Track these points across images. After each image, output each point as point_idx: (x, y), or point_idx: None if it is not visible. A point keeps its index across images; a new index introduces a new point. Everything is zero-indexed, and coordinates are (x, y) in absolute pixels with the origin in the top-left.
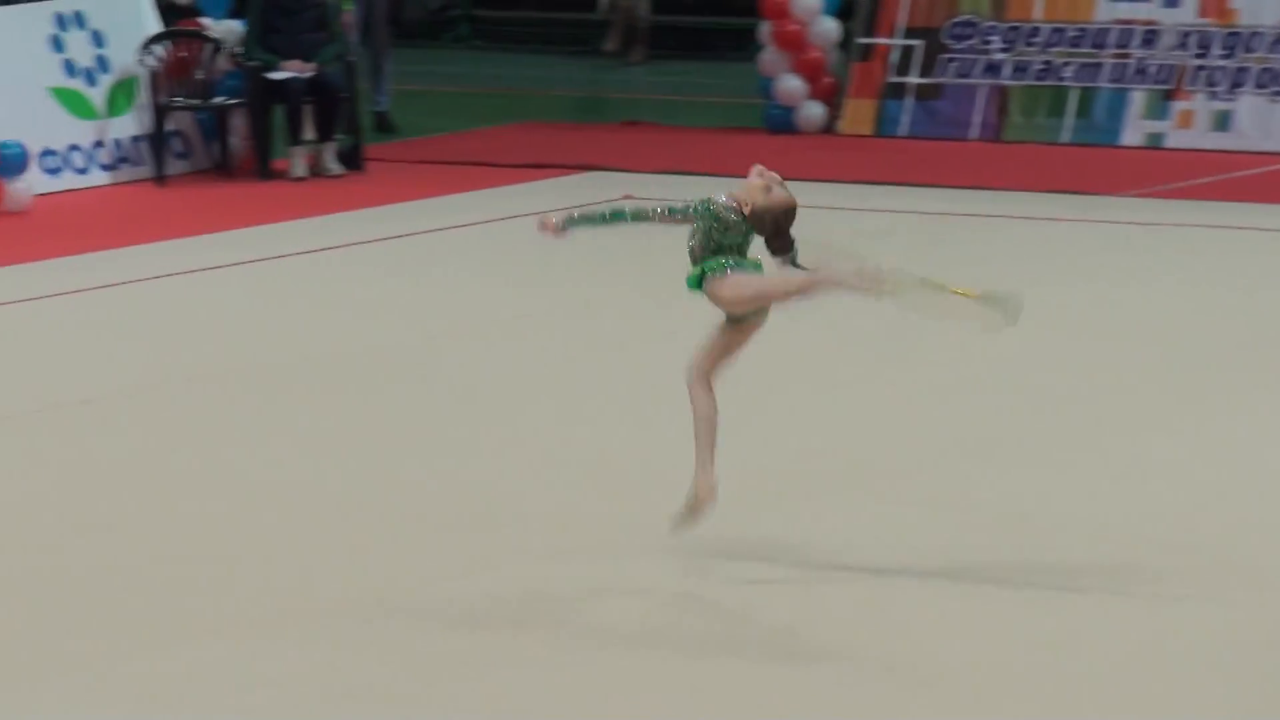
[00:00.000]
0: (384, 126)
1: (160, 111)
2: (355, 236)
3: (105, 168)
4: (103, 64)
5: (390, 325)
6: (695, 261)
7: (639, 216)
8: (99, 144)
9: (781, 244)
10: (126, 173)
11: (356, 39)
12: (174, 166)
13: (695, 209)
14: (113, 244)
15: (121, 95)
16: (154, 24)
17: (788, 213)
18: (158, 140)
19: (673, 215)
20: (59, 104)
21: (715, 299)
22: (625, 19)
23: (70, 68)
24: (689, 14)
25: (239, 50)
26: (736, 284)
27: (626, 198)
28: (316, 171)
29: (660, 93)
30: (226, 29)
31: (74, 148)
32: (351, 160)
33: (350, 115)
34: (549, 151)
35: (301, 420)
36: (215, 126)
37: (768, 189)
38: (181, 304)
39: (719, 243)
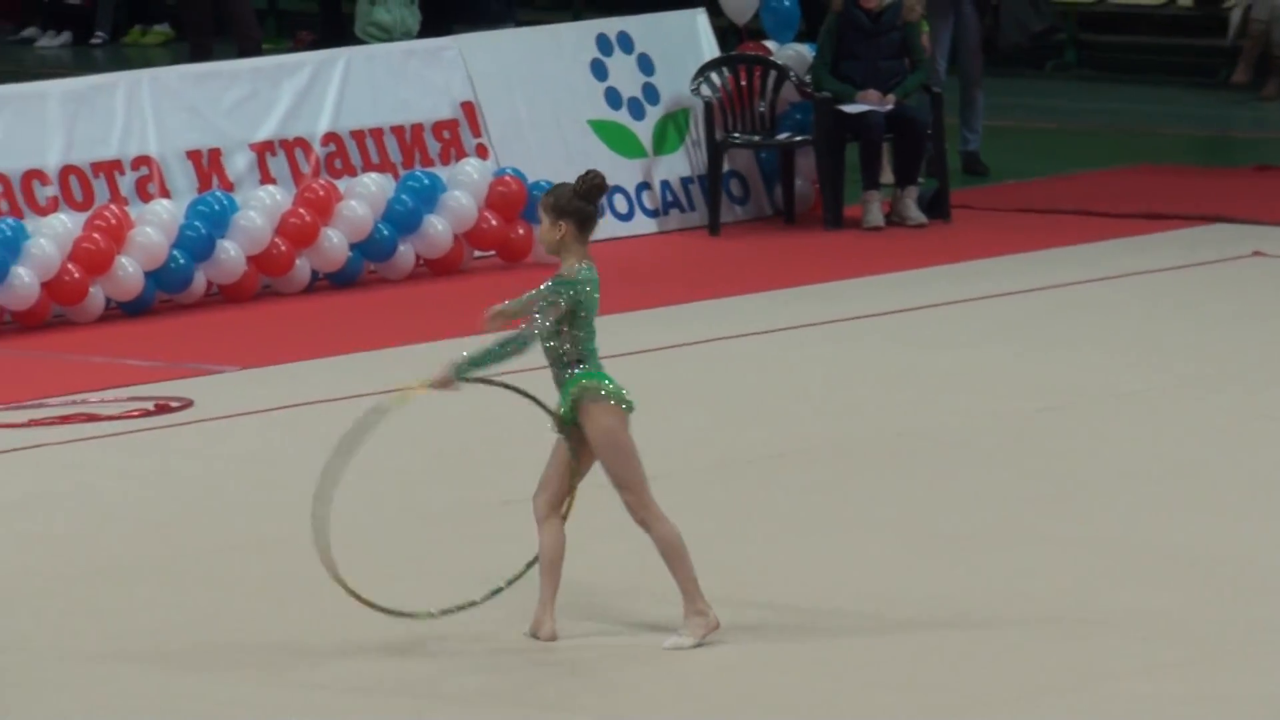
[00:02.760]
0: (973, 168)
1: (717, 149)
2: (939, 296)
3: (651, 213)
4: (651, 94)
5: (979, 398)
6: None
7: (524, 337)
8: (645, 186)
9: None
10: (675, 219)
11: (943, 67)
12: (730, 212)
13: (548, 289)
14: (661, 301)
15: (672, 130)
16: (711, 48)
17: (586, 190)
18: (713, 182)
19: (539, 314)
20: (600, 139)
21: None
22: (1259, 46)
23: (614, 98)
24: None
25: (808, 79)
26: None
27: (1255, 254)
28: (895, 220)
29: None
30: (794, 54)
31: (616, 189)
32: (936, 207)
33: (935, 155)
34: (1166, 199)
35: (888, 501)
36: (779, 166)
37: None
38: (741, 371)
39: (581, 329)
